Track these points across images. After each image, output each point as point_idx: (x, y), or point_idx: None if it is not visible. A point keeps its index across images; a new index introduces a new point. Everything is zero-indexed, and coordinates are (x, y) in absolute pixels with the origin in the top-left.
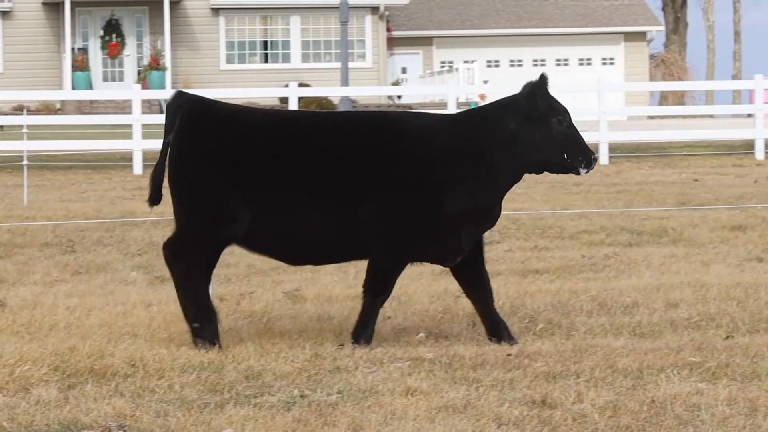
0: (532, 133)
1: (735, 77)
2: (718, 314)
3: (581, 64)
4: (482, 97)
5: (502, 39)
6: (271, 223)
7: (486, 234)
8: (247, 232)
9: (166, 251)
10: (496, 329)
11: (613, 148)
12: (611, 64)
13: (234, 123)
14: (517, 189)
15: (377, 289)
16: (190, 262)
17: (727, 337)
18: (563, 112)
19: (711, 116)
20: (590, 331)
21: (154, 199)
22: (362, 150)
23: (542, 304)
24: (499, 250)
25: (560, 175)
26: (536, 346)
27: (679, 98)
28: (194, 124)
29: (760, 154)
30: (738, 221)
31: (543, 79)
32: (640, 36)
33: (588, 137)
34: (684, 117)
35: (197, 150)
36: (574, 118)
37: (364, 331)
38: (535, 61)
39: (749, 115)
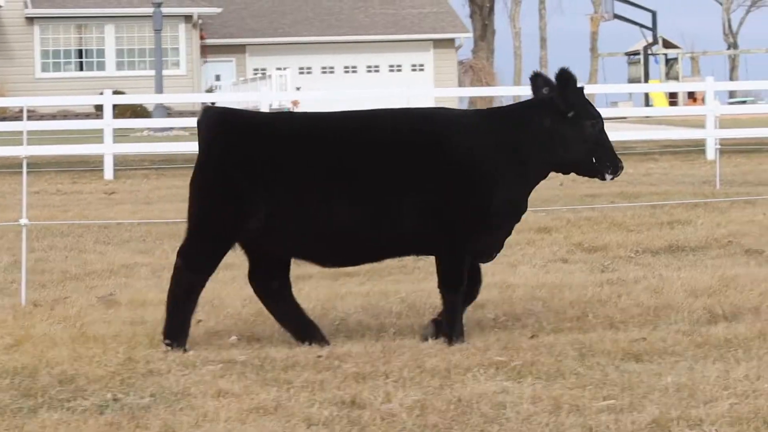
0: (566, 132)
1: None
2: (524, 314)
3: (392, 71)
4: (295, 103)
5: (314, 46)
6: (306, 224)
7: None
8: (275, 235)
9: (181, 259)
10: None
11: None
12: (421, 70)
13: (260, 129)
14: None
15: (454, 284)
16: (200, 277)
17: (533, 336)
18: (597, 117)
19: None
20: (400, 332)
21: None
22: (399, 149)
23: (353, 306)
24: None
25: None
26: (346, 347)
27: (488, 104)
28: (218, 133)
29: None
30: (544, 223)
31: (564, 72)
32: (449, 43)
33: None
34: None
35: (223, 158)
36: None
37: (454, 327)
38: (347, 68)
39: None
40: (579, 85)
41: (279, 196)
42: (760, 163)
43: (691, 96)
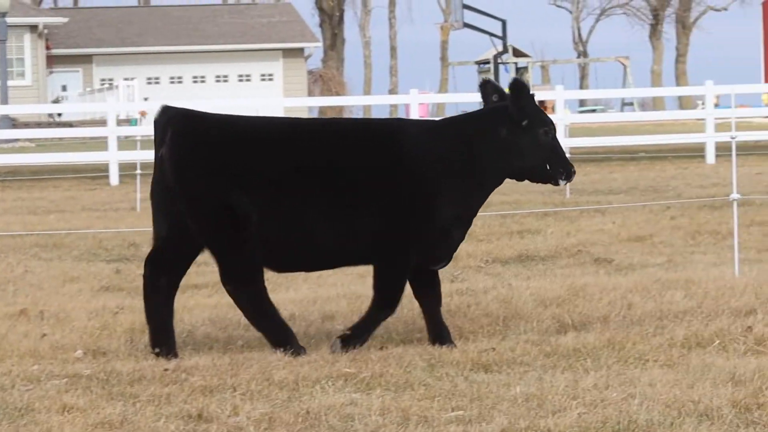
0: (521, 140)
1: (392, 92)
2: None
3: (241, 81)
4: (143, 113)
5: (161, 56)
6: (266, 232)
7: (146, 250)
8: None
9: (229, 287)
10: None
11: None
12: (270, 80)
13: (227, 131)
14: None
15: (387, 302)
16: (256, 285)
17: (381, 347)
18: (550, 124)
19: None
20: (248, 344)
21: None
22: (354, 157)
23: (200, 318)
24: None
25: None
26: (194, 360)
27: (338, 113)
28: (187, 138)
29: None
30: None
31: (521, 87)
32: (299, 52)
33: None
34: None
35: (201, 165)
36: None
37: (359, 337)
38: (195, 77)
39: None
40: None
41: (259, 200)
42: (611, 172)
43: (542, 105)
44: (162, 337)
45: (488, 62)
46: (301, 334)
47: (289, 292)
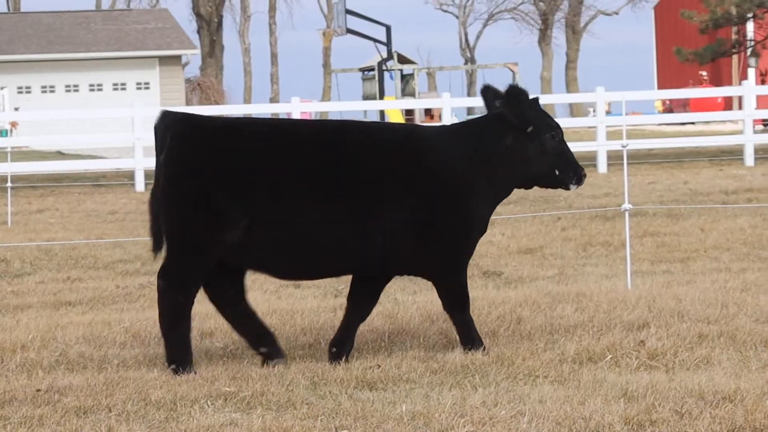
0: (526, 147)
1: (273, 100)
2: None
3: (116, 89)
4: (14, 125)
5: (33, 64)
6: (270, 235)
7: (17, 266)
8: (243, 246)
9: (162, 282)
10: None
11: (149, 175)
12: (146, 88)
13: (227, 135)
14: (50, 218)
15: (461, 304)
16: (186, 294)
17: (263, 365)
18: (556, 128)
19: None
20: (123, 363)
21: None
22: (366, 165)
23: (74, 336)
24: (30, 282)
25: (548, 189)
26: (67, 380)
27: None
28: (188, 142)
29: None
30: None
31: (516, 94)
32: (176, 60)
33: (123, 164)
34: None
35: (195, 168)
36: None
37: (472, 340)
38: (68, 86)
39: None
40: (532, 96)
41: (257, 206)
42: None
43: (428, 113)
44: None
45: (373, 69)
46: None
47: None
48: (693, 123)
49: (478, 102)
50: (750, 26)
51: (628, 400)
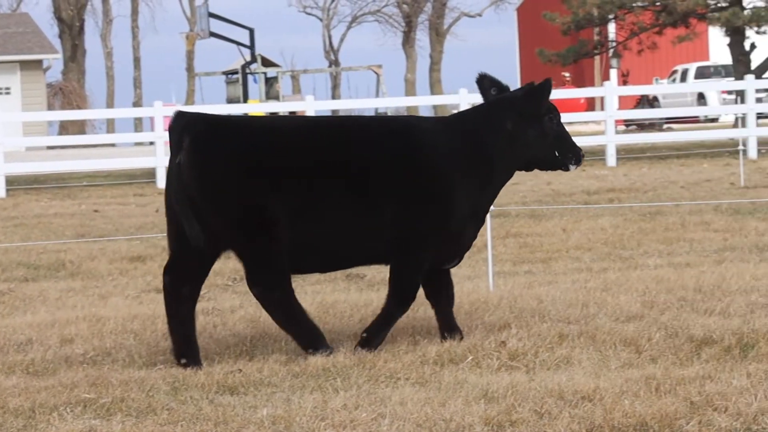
0: (527, 130)
1: (136, 104)
2: (115, 348)
3: None
4: None
5: None
6: (293, 229)
7: None
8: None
9: (255, 290)
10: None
11: (11, 181)
12: (8, 93)
13: (248, 134)
14: None
15: (402, 299)
16: (283, 290)
17: (123, 371)
18: (553, 110)
19: (113, 145)
20: None
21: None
22: (365, 156)
23: None
24: None
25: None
26: None
27: (80, 128)
28: (208, 143)
29: (161, 183)
30: (138, 252)
31: (548, 83)
32: (37, 64)
33: None
34: (86, 146)
35: (225, 170)
36: None
37: (377, 336)
38: None
39: (151, 143)
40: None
41: (283, 200)
42: None
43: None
44: (186, 347)
45: (236, 72)
46: (38, 359)
47: (27, 315)
48: None
49: (342, 105)
50: (611, 27)
51: (488, 401)
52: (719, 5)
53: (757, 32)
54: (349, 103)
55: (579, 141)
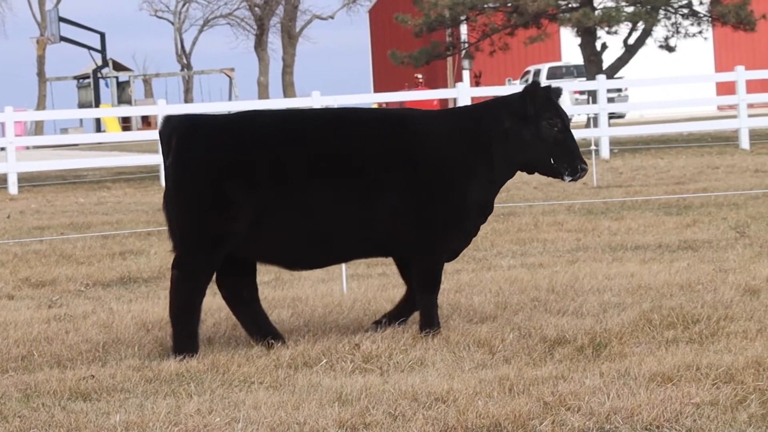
0: (522, 132)
1: None
2: None
3: None
4: None
5: None
6: (279, 227)
7: None
8: (251, 240)
9: (176, 272)
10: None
11: None
12: None
13: (230, 131)
14: None
15: (430, 289)
16: (199, 286)
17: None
18: (556, 117)
19: None
20: None
21: None
22: (370, 150)
23: None
24: None
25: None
26: None
27: None
28: (189, 141)
29: (13, 189)
30: None
31: (535, 85)
32: None
33: None
34: None
35: (199, 166)
36: None
37: (431, 323)
38: None
39: (2, 149)
40: (545, 85)
41: (263, 198)
42: None
43: (146, 120)
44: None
45: (88, 77)
46: None
47: None
48: None
49: (195, 108)
50: (463, 29)
51: (342, 404)
52: (570, 6)
53: (608, 32)
54: (202, 106)
55: None
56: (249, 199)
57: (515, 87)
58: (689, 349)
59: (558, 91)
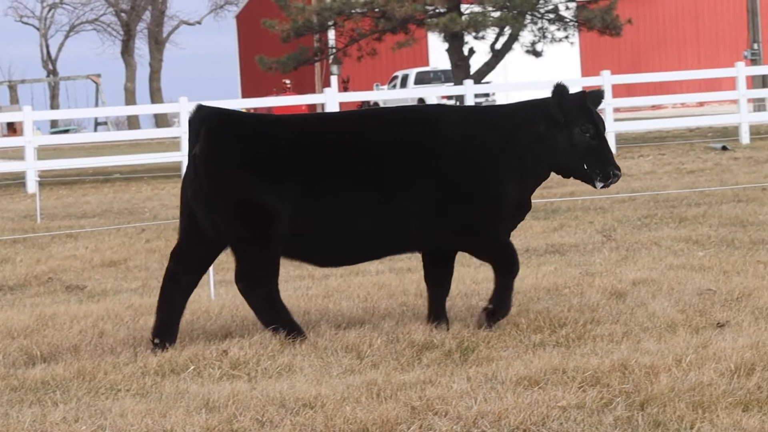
0: (556, 137)
1: None
2: None
3: None
4: None
5: None
6: (309, 224)
7: None
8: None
9: (241, 285)
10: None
11: None
12: None
13: (260, 129)
14: None
15: (509, 267)
16: (269, 287)
17: None
18: (590, 123)
19: None
20: None
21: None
22: (400, 146)
23: None
24: None
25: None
26: None
27: None
28: (220, 136)
29: None
30: None
31: (560, 88)
32: None
33: None
34: None
35: (232, 162)
36: None
37: (502, 307)
38: None
39: None
40: (579, 91)
41: (287, 198)
42: (84, 195)
43: (11, 127)
44: (166, 329)
45: None
46: None
47: None
48: None
49: (61, 114)
50: (331, 34)
51: (209, 411)
52: (437, 11)
53: (476, 37)
54: (68, 113)
55: None
56: (275, 197)
57: (383, 92)
58: (556, 353)
59: (597, 97)
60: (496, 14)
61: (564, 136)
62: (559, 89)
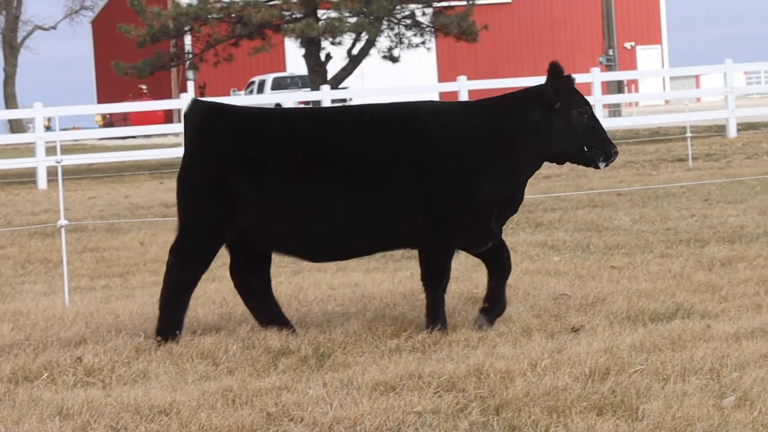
0: (553, 122)
1: None
2: None
3: None
4: None
5: None
6: (297, 219)
7: None
8: (266, 231)
9: (173, 258)
10: (495, 303)
11: None
12: None
13: (250, 122)
14: None
15: (436, 280)
16: (194, 272)
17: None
18: (584, 104)
19: None
20: None
21: None
22: (389, 141)
23: None
24: None
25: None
26: None
27: None
28: (207, 129)
29: None
30: None
31: (559, 72)
32: None
33: None
34: None
35: (207, 154)
36: None
37: (436, 319)
38: None
39: None
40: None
41: (272, 193)
42: None
43: None
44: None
45: None
46: None
47: None
48: (134, 136)
49: None
50: (187, 39)
51: (63, 418)
52: (294, 16)
53: (332, 43)
54: None
55: (157, 153)
56: (256, 192)
57: (240, 98)
58: (412, 358)
59: (574, 80)
60: (353, 20)
61: (561, 120)
62: (555, 69)
